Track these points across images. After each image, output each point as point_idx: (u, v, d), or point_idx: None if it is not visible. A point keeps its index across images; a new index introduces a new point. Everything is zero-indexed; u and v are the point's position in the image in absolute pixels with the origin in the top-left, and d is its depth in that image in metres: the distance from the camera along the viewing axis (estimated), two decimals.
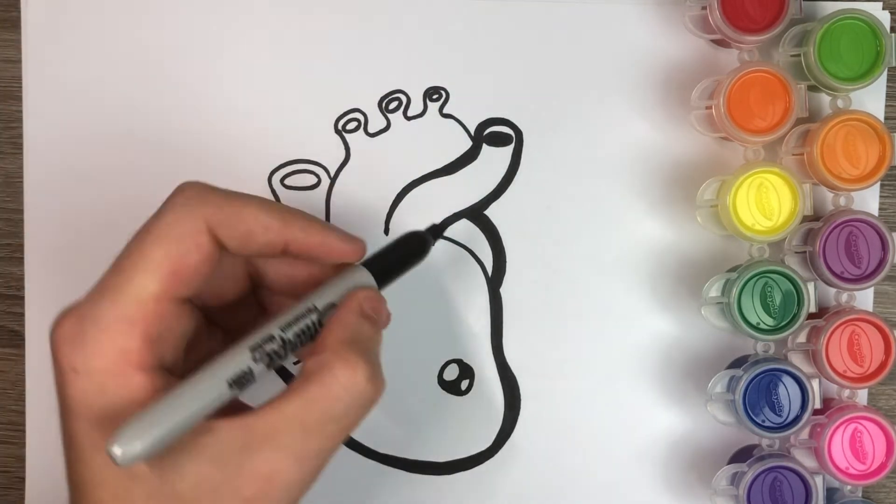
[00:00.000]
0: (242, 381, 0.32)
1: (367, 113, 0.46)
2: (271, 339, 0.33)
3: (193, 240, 0.33)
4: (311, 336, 0.34)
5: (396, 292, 0.46)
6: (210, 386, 0.31)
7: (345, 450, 0.46)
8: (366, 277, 0.36)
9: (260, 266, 0.37)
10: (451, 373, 0.46)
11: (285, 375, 0.46)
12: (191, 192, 0.34)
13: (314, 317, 0.34)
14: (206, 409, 0.31)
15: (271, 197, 0.46)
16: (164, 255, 0.32)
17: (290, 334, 0.33)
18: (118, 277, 0.32)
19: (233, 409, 0.32)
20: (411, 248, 0.39)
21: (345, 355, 0.33)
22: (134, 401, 0.31)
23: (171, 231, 0.33)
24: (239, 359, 0.32)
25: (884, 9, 0.45)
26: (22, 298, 0.47)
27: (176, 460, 0.31)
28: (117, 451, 0.29)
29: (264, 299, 0.38)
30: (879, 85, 0.45)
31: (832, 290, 0.44)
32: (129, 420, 0.29)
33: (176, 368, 0.34)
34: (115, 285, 0.32)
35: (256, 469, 0.32)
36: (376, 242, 0.46)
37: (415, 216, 0.46)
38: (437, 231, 0.40)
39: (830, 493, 0.44)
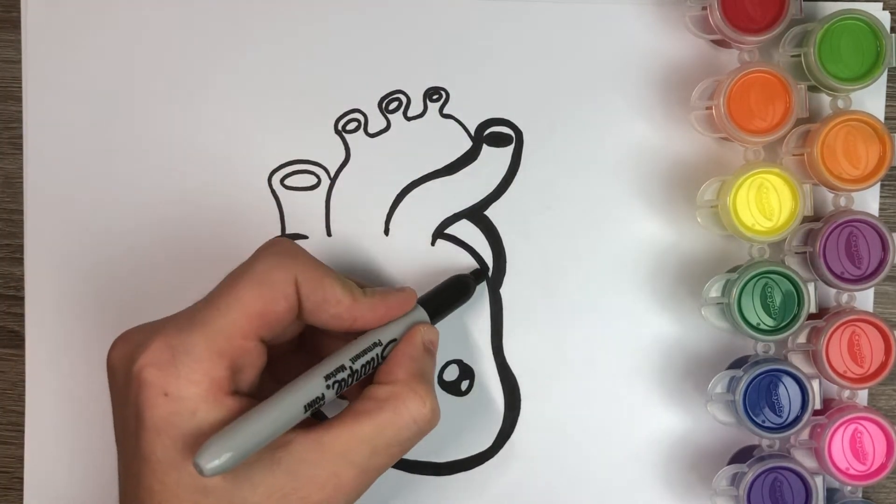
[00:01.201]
0: (315, 404, 0.36)
1: (367, 113, 0.46)
2: (342, 368, 0.37)
3: (282, 290, 0.36)
4: (373, 367, 0.38)
5: None
6: (288, 408, 0.35)
7: None
8: (422, 315, 0.41)
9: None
10: (451, 373, 0.46)
11: None
12: (284, 247, 0.38)
13: (379, 350, 0.39)
14: (283, 428, 0.35)
15: (272, 198, 0.46)
16: (255, 298, 0.36)
17: (357, 365, 0.38)
18: (212, 312, 0.36)
19: (302, 422, 0.36)
20: (458, 290, 0.44)
21: (416, 388, 0.38)
22: (223, 422, 0.34)
23: (265, 278, 0.36)
24: (315, 385, 0.36)
25: (884, 9, 0.45)
26: (22, 298, 0.47)
27: (249, 472, 0.35)
28: (205, 463, 0.32)
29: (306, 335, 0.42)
30: (879, 85, 0.45)
31: (832, 291, 0.44)
32: (216, 436, 0.33)
33: (251, 395, 0.37)
34: (209, 320, 0.35)
35: (325, 479, 0.36)
36: (376, 242, 0.46)
37: (415, 216, 0.46)
38: (479, 275, 0.45)
39: (830, 494, 0.44)
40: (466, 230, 0.46)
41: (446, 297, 0.43)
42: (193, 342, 0.35)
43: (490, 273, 0.46)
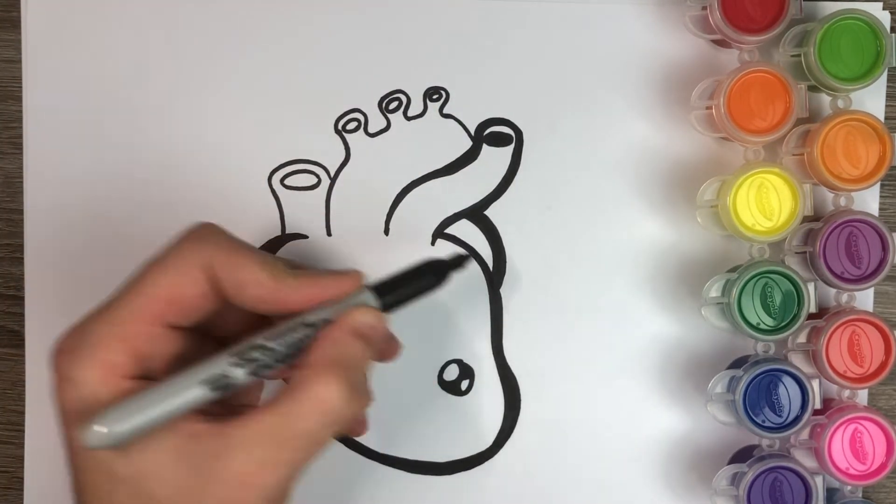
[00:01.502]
0: (219, 383, 0.34)
1: (367, 113, 0.46)
2: (256, 347, 0.34)
3: (192, 275, 0.35)
4: (297, 347, 0.35)
5: None
6: (183, 385, 0.33)
7: (345, 450, 0.46)
8: (368, 298, 0.37)
9: None
10: (451, 373, 0.46)
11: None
12: (201, 233, 0.37)
13: (308, 331, 0.35)
14: (178, 406, 0.33)
15: (272, 198, 0.46)
16: (162, 283, 0.35)
17: (277, 344, 0.35)
18: (119, 300, 0.35)
19: (218, 414, 0.35)
20: (425, 274, 0.38)
21: (324, 374, 0.34)
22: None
23: (174, 263, 0.36)
24: (216, 363, 0.34)
25: (884, 9, 0.45)
26: (22, 298, 0.47)
27: (158, 468, 0.33)
28: (86, 434, 0.32)
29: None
30: (879, 85, 0.45)
31: (832, 291, 0.44)
32: (104, 409, 0.32)
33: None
34: (114, 306, 0.35)
35: (230, 475, 0.33)
36: (376, 242, 0.46)
37: (415, 216, 0.46)
38: (459, 260, 0.39)
39: (830, 494, 0.44)
40: (466, 230, 0.46)
41: (409, 281, 0.38)
42: (95, 328, 0.34)
43: (490, 273, 0.46)
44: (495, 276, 0.46)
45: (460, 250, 0.45)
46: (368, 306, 0.37)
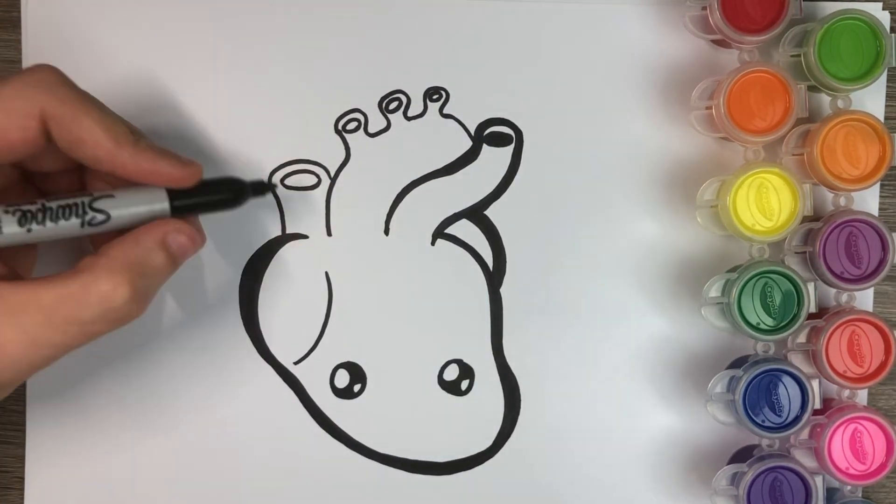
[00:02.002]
0: None
1: (367, 113, 0.46)
2: (32, 202, 0.35)
3: (20, 121, 0.34)
4: (78, 214, 0.35)
5: (397, 292, 0.46)
6: None
7: (345, 450, 0.46)
8: (162, 199, 0.37)
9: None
10: (451, 373, 0.46)
11: (287, 376, 0.46)
12: (41, 76, 0.35)
13: (85, 199, 0.36)
14: None
15: (272, 198, 0.46)
16: None
17: (52, 204, 0.35)
18: None
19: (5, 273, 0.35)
20: (224, 192, 0.40)
21: (116, 271, 0.34)
22: None
23: (5, 105, 0.34)
24: None
25: (884, 9, 0.45)
26: None
27: None
28: None
29: (87, 176, 0.39)
30: (879, 85, 0.45)
31: (832, 291, 0.44)
32: None
33: None
34: None
35: None
36: (376, 242, 0.46)
37: (415, 216, 0.46)
38: (260, 188, 0.41)
39: (830, 494, 0.44)
40: (466, 230, 0.46)
41: (206, 193, 0.39)
42: None
43: (490, 273, 0.46)
44: (495, 276, 0.46)
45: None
46: (186, 224, 0.37)
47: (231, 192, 0.40)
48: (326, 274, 0.46)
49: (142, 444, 0.46)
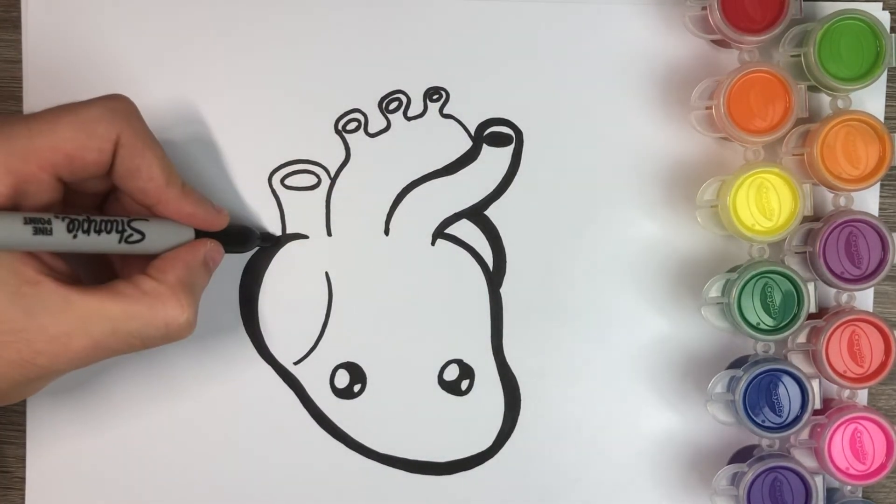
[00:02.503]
0: (37, 223, 0.36)
1: (367, 113, 0.46)
2: (78, 213, 0.37)
3: (99, 144, 0.37)
4: (118, 230, 0.38)
5: (397, 292, 0.46)
6: (8, 217, 0.35)
7: (345, 450, 0.46)
8: (189, 229, 0.41)
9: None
10: (451, 373, 0.46)
11: (287, 376, 0.46)
12: (121, 105, 0.39)
13: (124, 218, 0.39)
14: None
15: (272, 198, 0.46)
16: (70, 139, 0.37)
17: (96, 217, 0.38)
18: (22, 131, 0.36)
19: (64, 277, 0.37)
20: (238, 239, 0.44)
21: (181, 296, 0.38)
22: None
23: (88, 125, 0.37)
24: (43, 213, 0.36)
25: (884, 9, 0.45)
26: None
27: (3, 308, 0.36)
28: None
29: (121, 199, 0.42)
30: (879, 85, 0.45)
31: (832, 291, 0.44)
32: None
33: None
34: (15, 136, 0.36)
35: (57, 334, 0.36)
36: (376, 242, 0.46)
37: (415, 216, 0.46)
38: (267, 238, 0.46)
39: (830, 494, 0.44)
40: (466, 230, 0.46)
41: (230, 240, 0.43)
42: None
43: (490, 273, 0.46)
44: (495, 276, 0.46)
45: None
46: (216, 242, 0.42)
47: (244, 241, 0.45)
48: (326, 274, 0.46)
49: (142, 445, 0.46)
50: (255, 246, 0.45)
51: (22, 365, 0.36)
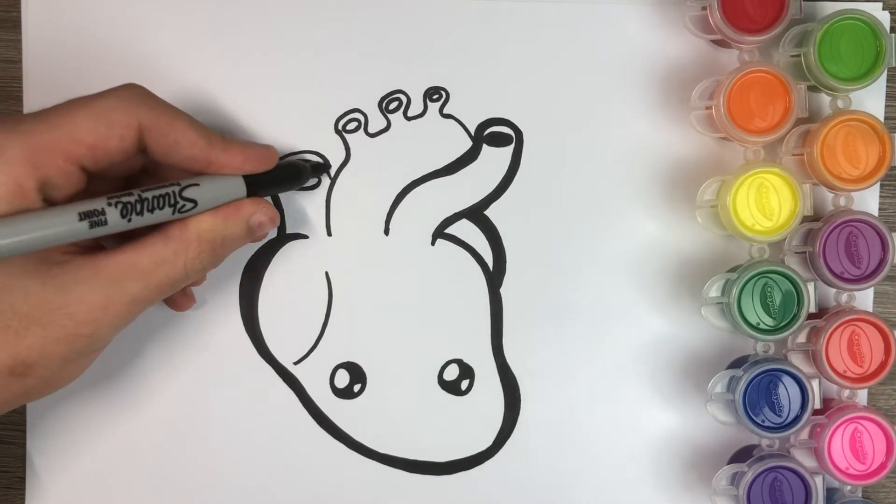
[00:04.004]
0: (94, 218, 0.36)
1: (367, 113, 0.46)
2: (130, 194, 0.38)
3: (119, 131, 0.38)
4: (171, 204, 0.39)
5: (397, 292, 0.46)
6: (62, 213, 0.36)
7: (345, 450, 0.46)
8: (239, 183, 0.41)
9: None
10: (451, 373, 0.46)
11: (287, 376, 0.46)
12: (133, 92, 0.39)
13: (175, 188, 0.39)
14: (56, 234, 0.36)
15: (269, 198, 0.46)
16: (88, 130, 0.37)
17: (147, 194, 0.38)
18: (41, 126, 0.37)
19: (89, 248, 0.39)
20: (290, 174, 0.44)
21: (203, 244, 0.40)
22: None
23: (104, 115, 0.38)
24: (97, 201, 0.37)
25: (884, 9, 0.45)
26: None
27: (24, 283, 0.36)
28: None
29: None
30: (879, 85, 0.45)
31: (832, 291, 0.45)
32: None
33: None
34: (36, 131, 0.37)
35: (95, 301, 0.37)
36: (376, 242, 0.46)
37: (415, 216, 0.46)
38: (319, 168, 0.45)
39: (830, 493, 0.44)
40: (466, 230, 0.46)
41: (275, 177, 0.43)
42: (11, 145, 0.36)
43: (490, 273, 0.46)
44: (495, 276, 0.46)
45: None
46: (268, 204, 0.42)
47: (295, 174, 0.44)
48: (326, 274, 0.46)
49: (142, 444, 0.46)
50: (309, 179, 0.45)
51: (69, 340, 0.37)
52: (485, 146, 0.46)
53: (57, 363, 0.38)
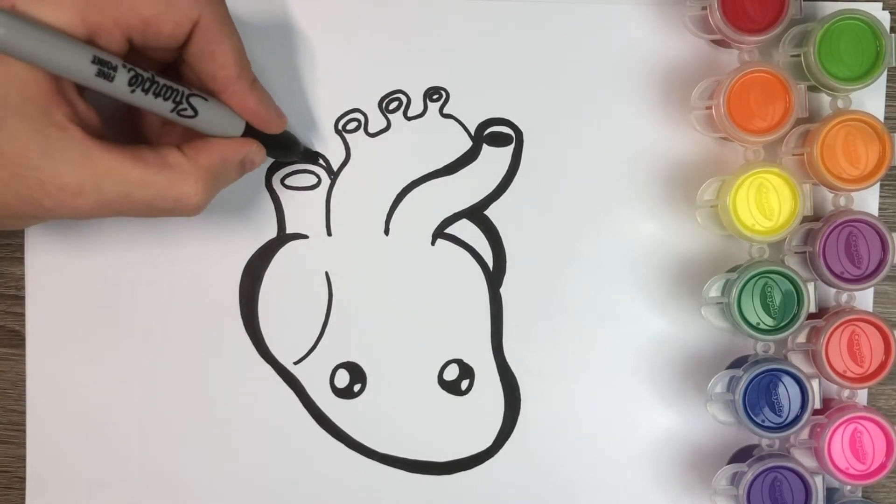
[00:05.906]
0: (104, 66, 0.35)
1: (367, 113, 0.46)
2: (146, 70, 0.37)
3: (178, 18, 0.37)
4: (175, 101, 0.38)
5: (397, 292, 0.46)
6: (80, 46, 0.35)
7: (345, 449, 0.46)
8: (240, 122, 0.41)
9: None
10: (451, 373, 0.46)
11: (287, 376, 0.46)
12: None
13: (185, 91, 0.38)
14: (62, 56, 0.35)
15: (269, 198, 0.46)
16: (151, 5, 0.37)
17: (160, 80, 0.37)
18: None
19: (94, 131, 0.38)
20: (282, 141, 0.44)
21: (200, 178, 0.39)
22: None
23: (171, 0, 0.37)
24: (114, 57, 0.36)
25: (884, 9, 0.45)
26: (22, 298, 0.47)
27: (15, 130, 0.36)
28: None
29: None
30: (879, 85, 0.45)
31: (832, 291, 0.45)
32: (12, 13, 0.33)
33: None
34: None
35: (69, 181, 0.36)
36: (376, 242, 0.46)
37: (415, 216, 0.46)
38: (310, 154, 0.46)
39: (830, 493, 0.44)
40: (466, 230, 0.46)
41: (271, 139, 0.43)
42: None
43: (490, 273, 0.46)
44: (495, 276, 0.46)
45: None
46: (261, 147, 0.42)
47: (287, 143, 0.44)
48: (326, 274, 0.46)
49: (142, 444, 0.46)
50: (296, 157, 0.45)
51: (28, 202, 0.36)
52: (485, 146, 0.46)
53: (7, 212, 0.37)
